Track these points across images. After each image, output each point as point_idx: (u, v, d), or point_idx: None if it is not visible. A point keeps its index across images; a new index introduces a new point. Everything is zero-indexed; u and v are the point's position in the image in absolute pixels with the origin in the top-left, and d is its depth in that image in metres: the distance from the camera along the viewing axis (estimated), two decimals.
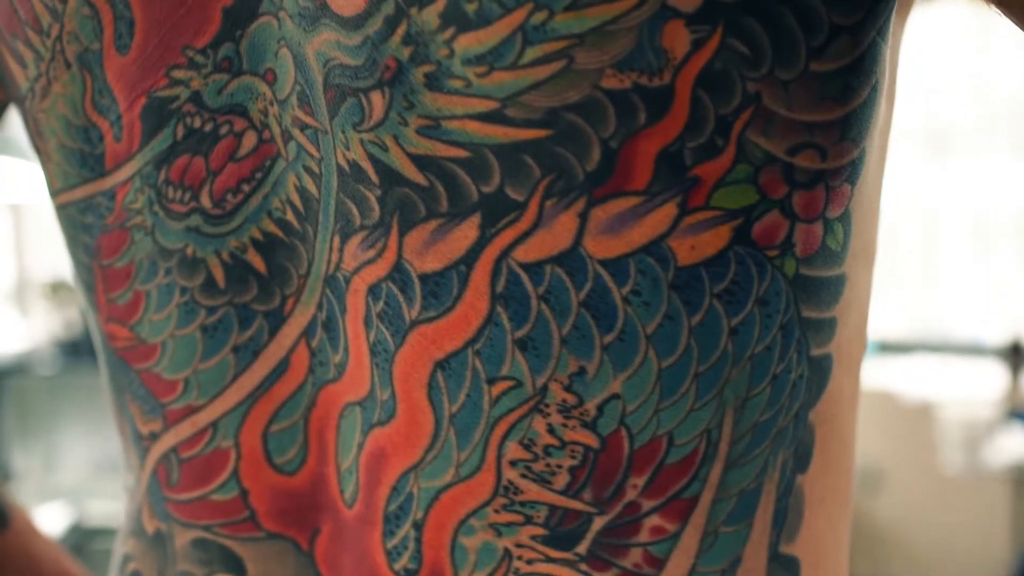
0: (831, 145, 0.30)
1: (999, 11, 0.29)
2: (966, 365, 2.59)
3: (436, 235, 0.30)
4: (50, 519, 2.22)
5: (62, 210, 0.39)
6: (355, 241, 0.32)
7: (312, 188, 0.33)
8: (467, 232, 0.30)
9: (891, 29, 0.31)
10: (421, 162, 0.30)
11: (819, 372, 0.33)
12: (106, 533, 2.25)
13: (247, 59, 0.33)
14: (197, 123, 0.34)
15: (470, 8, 0.28)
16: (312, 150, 0.33)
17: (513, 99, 0.28)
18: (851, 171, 0.31)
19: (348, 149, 0.31)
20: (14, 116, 0.44)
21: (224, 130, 0.34)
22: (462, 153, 0.29)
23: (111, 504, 2.36)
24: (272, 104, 0.33)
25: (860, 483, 2.28)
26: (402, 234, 0.31)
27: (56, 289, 2.70)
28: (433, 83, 0.29)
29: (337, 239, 0.33)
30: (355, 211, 0.32)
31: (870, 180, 0.33)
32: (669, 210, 0.29)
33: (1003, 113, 2.72)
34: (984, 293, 2.79)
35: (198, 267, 0.35)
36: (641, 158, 0.28)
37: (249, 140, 0.34)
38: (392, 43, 0.29)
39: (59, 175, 0.38)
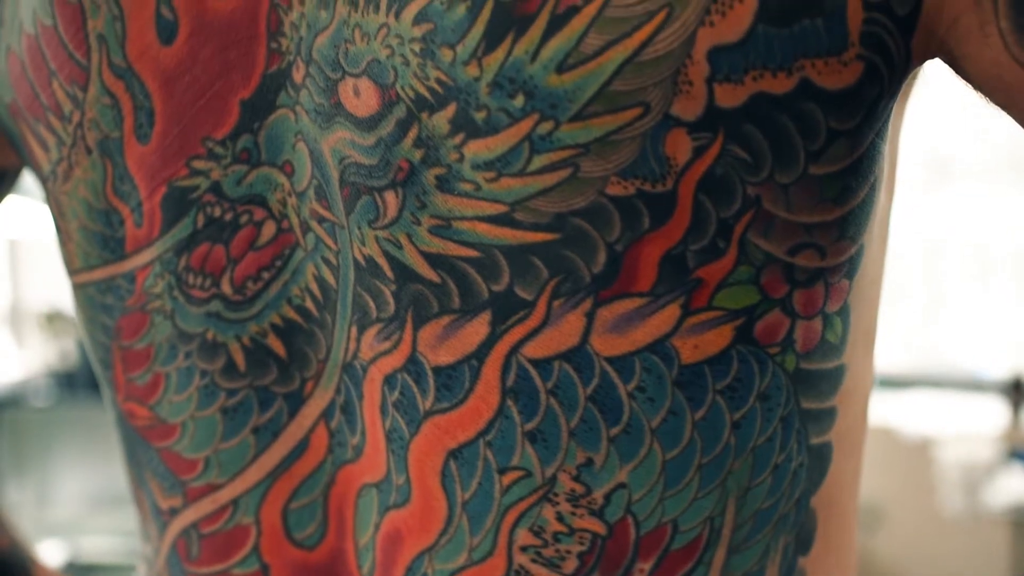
0: (830, 244, 0.30)
1: (1005, 112, 0.29)
2: (967, 401, 2.58)
3: (449, 330, 0.31)
4: (44, 556, 2.20)
5: (80, 289, 0.40)
6: (372, 332, 0.33)
7: (330, 278, 0.34)
8: (478, 328, 0.31)
9: (890, 126, 0.31)
10: (433, 260, 0.31)
11: (819, 460, 0.34)
12: (101, 570, 2.23)
13: (265, 151, 0.34)
14: (217, 212, 0.35)
15: (479, 116, 0.29)
16: (330, 242, 0.34)
17: (521, 204, 0.29)
18: (849, 267, 0.32)
19: (364, 244, 0.32)
20: None
21: (244, 219, 0.35)
22: (473, 253, 0.30)
23: (106, 540, 2.34)
24: (290, 195, 0.34)
25: (858, 521, 2.26)
26: (416, 328, 0.32)
27: (52, 320, 2.69)
28: (444, 185, 0.30)
29: (354, 329, 0.34)
30: (371, 304, 0.33)
31: (870, 268, 0.34)
32: (673, 311, 0.30)
33: (1005, 145, 2.72)
34: (985, 327, 2.78)
35: (218, 351, 0.36)
36: (645, 261, 0.29)
37: (268, 229, 0.35)
38: (404, 145, 0.30)
39: (80, 255, 0.39)
